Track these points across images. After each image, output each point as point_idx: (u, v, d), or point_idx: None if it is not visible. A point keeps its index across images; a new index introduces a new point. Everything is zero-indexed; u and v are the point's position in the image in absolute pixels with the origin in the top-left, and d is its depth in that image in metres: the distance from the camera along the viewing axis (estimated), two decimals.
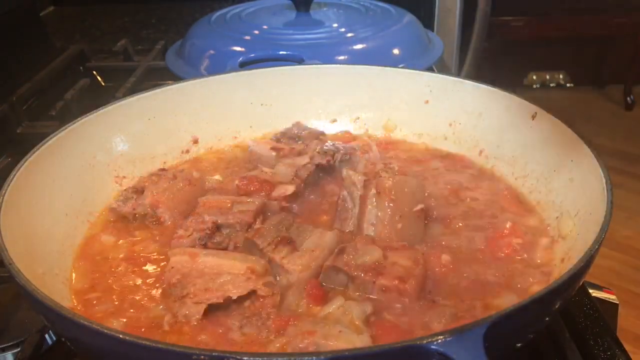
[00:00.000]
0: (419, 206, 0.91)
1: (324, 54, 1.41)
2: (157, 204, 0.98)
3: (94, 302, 0.83)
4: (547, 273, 0.85)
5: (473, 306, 0.79)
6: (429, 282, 0.83)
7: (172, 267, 0.81)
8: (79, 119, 1.03)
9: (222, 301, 0.77)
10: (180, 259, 0.82)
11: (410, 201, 0.90)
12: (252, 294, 0.78)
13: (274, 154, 1.12)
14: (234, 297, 0.77)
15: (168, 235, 0.95)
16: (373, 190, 0.91)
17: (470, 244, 0.91)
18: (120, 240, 0.96)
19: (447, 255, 0.87)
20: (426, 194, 0.98)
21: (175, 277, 0.80)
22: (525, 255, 0.88)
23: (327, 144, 1.11)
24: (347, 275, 0.81)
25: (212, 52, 1.49)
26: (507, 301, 0.79)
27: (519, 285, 0.83)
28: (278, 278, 0.82)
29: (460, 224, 0.95)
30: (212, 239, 0.91)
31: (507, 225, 0.93)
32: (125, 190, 1.04)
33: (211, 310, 0.77)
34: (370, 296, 0.79)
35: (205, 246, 0.89)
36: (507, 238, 0.91)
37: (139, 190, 1.01)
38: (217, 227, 0.91)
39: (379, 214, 0.89)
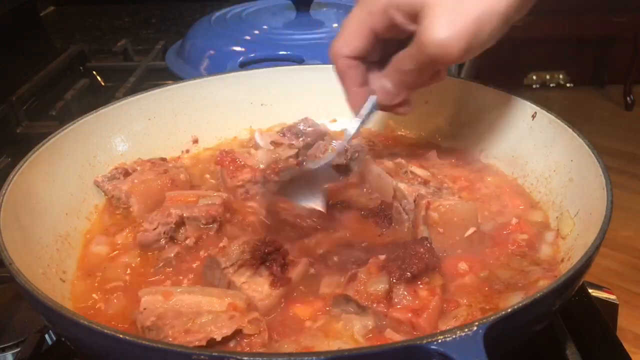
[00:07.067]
0: (471, 230, 0.87)
1: (324, 54, 1.39)
2: (130, 193, 0.99)
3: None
4: (550, 271, 0.84)
5: (474, 306, 0.78)
6: None
7: (145, 309, 0.72)
8: (79, 119, 1.04)
9: (205, 344, 0.68)
10: (153, 299, 0.74)
11: (460, 228, 0.87)
12: (237, 333, 0.70)
13: (272, 147, 1.12)
14: (218, 339, 0.68)
15: None
16: (423, 212, 0.88)
17: (474, 243, 0.90)
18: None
19: (464, 263, 0.85)
20: None
21: (150, 320, 0.71)
22: (530, 253, 0.88)
23: (337, 143, 1.09)
24: (357, 304, 0.76)
25: (212, 52, 1.49)
26: (509, 300, 0.79)
27: (522, 284, 0.82)
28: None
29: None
30: (178, 232, 0.91)
31: (513, 222, 0.93)
32: (115, 168, 1.05)
33: None
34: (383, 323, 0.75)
35: (171, 239, 0.90)
36: (512, 235, 0.91)
37: (127, 173, 1.03)
38: (183, 221, 0.92)
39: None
